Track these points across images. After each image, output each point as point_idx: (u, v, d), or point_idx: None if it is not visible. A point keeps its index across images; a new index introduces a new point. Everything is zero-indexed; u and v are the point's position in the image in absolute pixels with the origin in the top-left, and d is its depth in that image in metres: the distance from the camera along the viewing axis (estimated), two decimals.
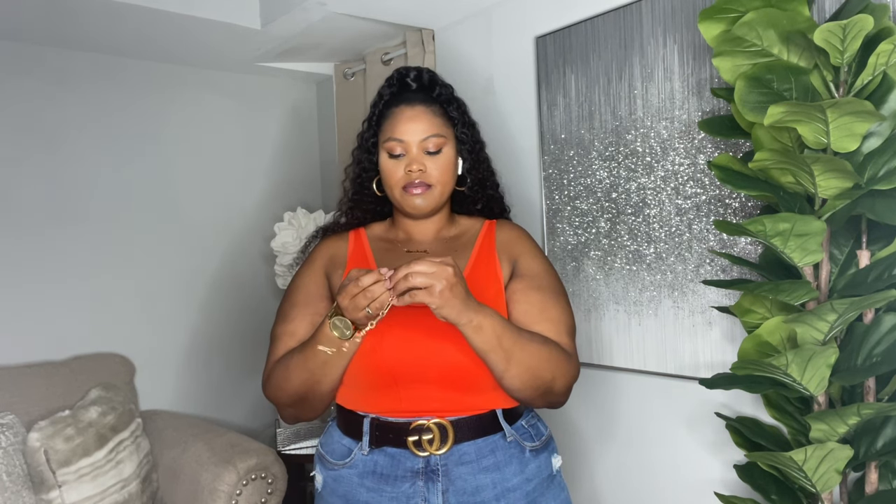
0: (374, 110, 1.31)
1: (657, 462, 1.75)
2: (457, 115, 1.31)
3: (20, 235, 2.20)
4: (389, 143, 1.24)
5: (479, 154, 1.36)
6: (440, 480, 1.16)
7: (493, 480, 1.18)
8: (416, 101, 1.26)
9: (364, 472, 1.19)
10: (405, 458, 1.17)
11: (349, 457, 1.21)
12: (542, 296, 1.21)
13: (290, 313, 1.24)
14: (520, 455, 1.21)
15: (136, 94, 2.44)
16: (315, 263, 1.30)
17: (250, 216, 2.73)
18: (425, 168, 1.23)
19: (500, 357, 1.08)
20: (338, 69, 2.65)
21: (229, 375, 2.67)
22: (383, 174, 1.27)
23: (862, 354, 1.22)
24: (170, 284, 2.51)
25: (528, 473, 1.21)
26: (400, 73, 1.32)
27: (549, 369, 1.13)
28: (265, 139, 2.80)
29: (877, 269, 1.20)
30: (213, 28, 2.15)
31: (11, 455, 1.86)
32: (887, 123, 1.19)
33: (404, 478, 1.16)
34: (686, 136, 1.63)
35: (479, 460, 1.18)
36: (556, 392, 1.16)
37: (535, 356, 1.11)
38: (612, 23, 1.76)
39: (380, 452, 1.18)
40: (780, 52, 1.25)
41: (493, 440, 1.19)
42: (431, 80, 1.31)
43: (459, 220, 1.36)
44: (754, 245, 1.53)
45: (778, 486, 1.40)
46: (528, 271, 1.24)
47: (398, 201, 1.26)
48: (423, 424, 1.16)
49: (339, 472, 1.22)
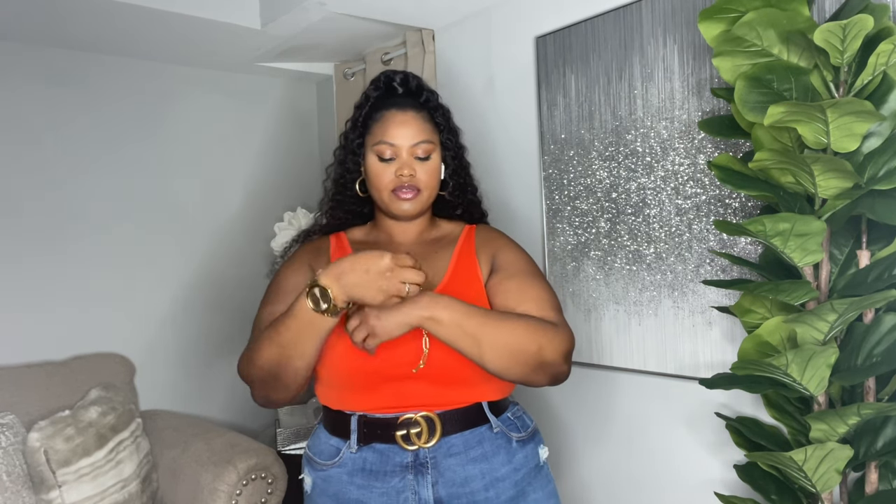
0: (360, 112, 1.32)
1: (657, 462, 1.75)
2: (442, 122, 1.33)
3: (19, 235, 2.20)
4: (380, 146, 1.25)
5: (462, 160, 1.39)
6: (429, 473, 1.17)
7: (481, 471, 1.19)
8: (406, 107, 1.28)
9: (353, 470, 1.20)
10: (394, 453, 1.18)
11: (337, 456, 1.22)
12: (519, 280, 1.22)
13: (273, 297, 1.25)
14: (507, 446, 1.23)
15: (136, 94, 2.44)
16: (299, 259, 1.31)
17: (250, 216, 2.73)
18: (415, 173, 1.25)
19: (468, 343, 1.09)
20: (338, 69, 2.65)
21: (229, 375, 2.66)
22: (371, 176, 1.28)
23: (862, 354, 1.22)
24: (170, 284, 2.51)
25: (516, 463, 1.22)
26: (387, 76, 1.33)
27: (533, 341, 1.11)
28: (265, 139, 2.80)
29: (877, 269, 1.20)
30: (213, 28, 2.15)
31: (11, 455, 1.86)
32: (887, 123, 1.19)
33: (393, 472, 1.18)
34: (686, 136, 1.63)
35: (468, 451, 1.19)
36: (551, 362, 1.14)
37: (510, 332, 1.10)
38: (612, 23, 1.76)
39: (368, 449, 1.20)
40: (780, 52, 1.25)
41: (479, 432, 1.21)
42: (418, 86, 1.33)
43: (440, 223, 1.39)
44: (754, 245, 1.53)
45: (778, 486, 1.40)
46: (503, 263, 1.26)
47: (386, 204, 1.28)
48: (411, 418, 1.17)
49: (328, 472, 1.23)
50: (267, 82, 2.79)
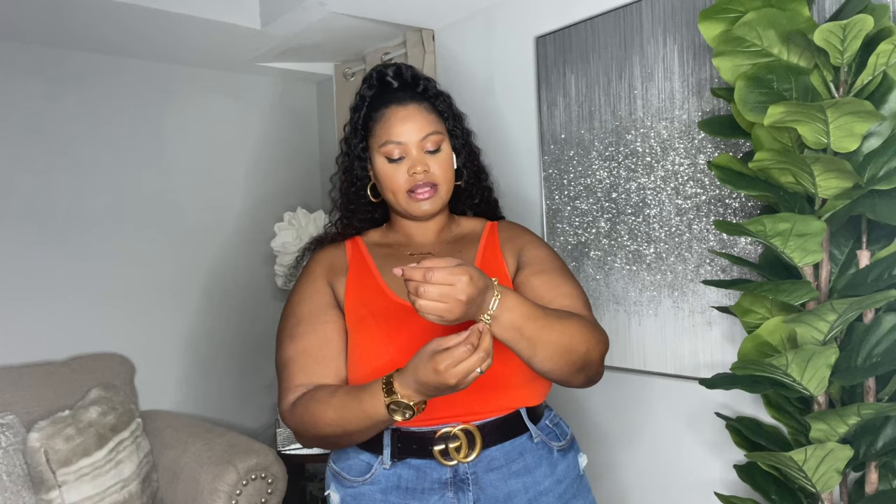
0: (358, 114, 1.24)
1: (657, 462, 1.75)
2: (445, 109, 1.25)
3: (19, 235, 2.20)
4: (387, 146, 1.18)
5: (471, 146, 1.31)
6: (470, 490, 1.10)
7: (524, 485, 1.13)
8: (406, 100, 1.20)
9: (387, 488, 1.12)
10: (431, 469, 1.10)
11: (369, 472, 1.13)
12: (549, 276, 1.17)
13: (297, 330, 1.15)
14: (548, 456, 1.17)
15: (136, 94, 2.44)
16: (314, 273, 1.22)
17: (250, 216, 2.73)
18: (429, 168, 1.18)
19: (524, 345, 0.99)
20: (338, 69, 2.65)
21: (229, 375, 2.67)
22: (383, 180, 1.20)
23: (862, 354, 1.22)
24: (170, 284, 2.51)
25: (559, 475, 1.17)
26: (379, 71, 1.24)
27: (583, 341, 1.05)
28: (265, 139, 2.80)
29: (877, 269, 1.20)
30: (213, 28, 2.15)
31: (11, 455, 1.86)
32: (887, 123, 1.19)
33: (432, 490, 1.10)
34: (686, 136, 1.63)
35: (509, 465, 1.13)
36: (594, 363, 1.09)
37: (563, 333, 1.03)
38: (612, 23, 1.76)
39: (403, 465, 1.11)
40: (780, 52, 1.25)
41: (520, 443, 1.14)
42: (414, 76, 1.24)
43: (459, 220, 1.32)
44: (754, 245, 1.53)
45: (778, 486, 1.40)
46: (531, 259, 1.20)
47: (403, 206, 1.20)
48: (449, 432, 1.10)
49: (358, 489, 1.14)
50: (267, 82, 2.79)
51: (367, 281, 1.20)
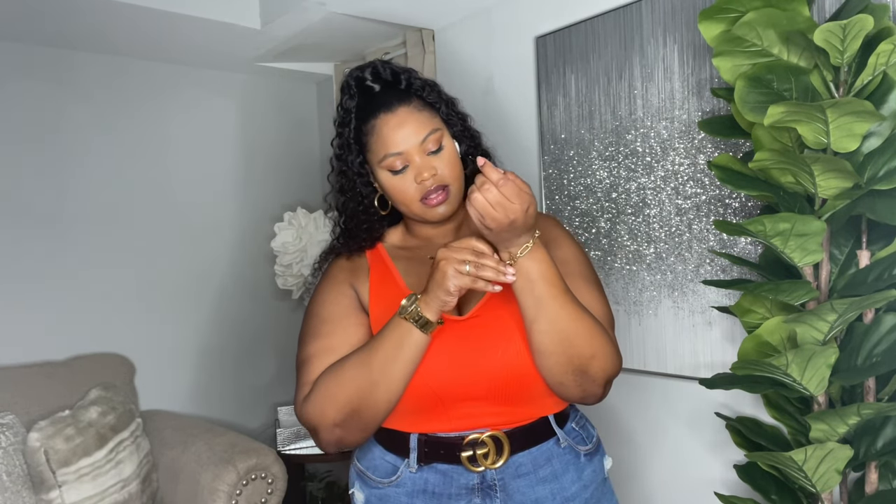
0: (347, 129, 1.17)
1: (657, 462, 1.75)
2: (436, 99, 1.18)
3: (20, 235, 2.20)
4: (387, 160, 1.11)
5: (471, 130, 1.24)
6: (498, 496, 1.09)
7: (551, 491, 1.11)
8: (393, 104, 1.12)
9: (413, 491, 1.11)
10: (459, 475, 1.09)
11: (395, 474, 1.12)
12: (574, 283, 1.11)
13: (322, 329, 1.13)
14: (575, 461, 1.15)
15: (136, 93, 2.44)
16: (336, 277, 1.19)
17: (250, 216, 2.73)
18: (436, 171, 1.11)
19: (529, 303, 1.00)
20: (338, 69, 2.65)
21: (229, 375, 2.67)
22: (392, 193, 1.15)
23: (862, 354, 1.22)
24: (170, 284, 2.51)
25: (585, 480, 1.15)
26: (356, 78, 1.16)
27: (591, 344, 1.02)
28: (265, 139, 2.80)
29: (877, 269, 1.20)
30: (213, 28, 2.15)
31: (11, 455, 1.86)
32: (887, 123, 1.19)
33: (459, 496, 1.09)
34: (686, 136, 1.63)
35: (536, 471, 1.11)
36: (593, 376, 1.05)
37: (574, 321, 1.01)
38: (612, 23, 1.76)
39: (430, 469, 1.10)
40: (780, 52, 1.25)
41: (547, 448, 1.13)
42: (393, 73, 1.16)
43: None
44: (754, 245, 1.53)
45: (778, 486, 1.40)
46: (559, 258, 1.14)
47: (418, 215, 1.15)
48: (477, 438, 1.09)
49: (384, 490, 1.14)
50: (267, 82, 2.79)
51: (390, 287, 1.17)
